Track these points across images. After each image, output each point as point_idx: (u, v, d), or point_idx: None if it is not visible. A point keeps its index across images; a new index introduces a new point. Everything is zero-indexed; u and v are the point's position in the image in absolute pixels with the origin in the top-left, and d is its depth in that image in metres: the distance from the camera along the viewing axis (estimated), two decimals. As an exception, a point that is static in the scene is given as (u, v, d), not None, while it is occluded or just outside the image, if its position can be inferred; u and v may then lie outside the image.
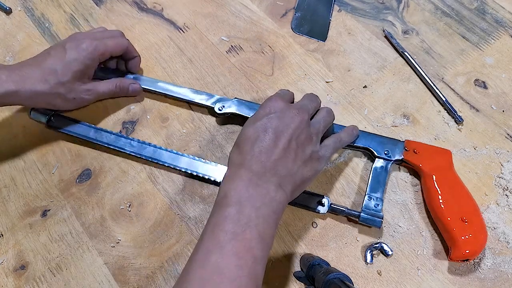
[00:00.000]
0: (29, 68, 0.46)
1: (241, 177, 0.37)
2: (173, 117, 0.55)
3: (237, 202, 0.35)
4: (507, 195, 0.48)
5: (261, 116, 0.41)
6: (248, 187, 0.36)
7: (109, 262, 0.46)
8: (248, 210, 0.35)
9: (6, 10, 0.64)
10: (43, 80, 0.45)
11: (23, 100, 0.46)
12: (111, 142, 0.51)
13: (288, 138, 0.39)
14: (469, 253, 0.41)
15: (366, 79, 0.57)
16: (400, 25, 0.61)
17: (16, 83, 0.44)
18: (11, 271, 0.45)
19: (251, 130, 0.40)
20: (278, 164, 0.38)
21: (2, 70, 0.44)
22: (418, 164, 0.48)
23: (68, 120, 0.52)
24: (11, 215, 0.48)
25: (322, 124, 0.44)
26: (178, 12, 0.64)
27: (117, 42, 0.51)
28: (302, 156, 0.40)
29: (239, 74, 0.58)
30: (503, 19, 0.61)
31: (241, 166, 0.38)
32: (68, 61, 0.47)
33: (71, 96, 0.49)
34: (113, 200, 0.49)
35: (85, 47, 0.48)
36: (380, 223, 0.44)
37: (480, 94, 0.55)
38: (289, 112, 0.41)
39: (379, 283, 0.44)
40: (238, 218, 0.34)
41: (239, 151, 0.39)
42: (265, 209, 0.36)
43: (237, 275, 0.32)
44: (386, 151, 0.48)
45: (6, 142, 0.53)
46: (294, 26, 0.62)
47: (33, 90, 0.45)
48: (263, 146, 0.38)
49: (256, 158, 0.38)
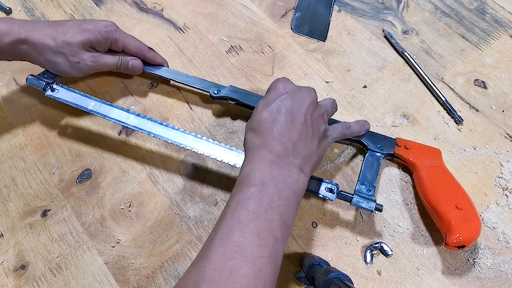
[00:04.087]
0: (44, 24, 0.48)
1: (264, 158, 0.37)
2: (173, 117, 0.55)
3: (260, 182, 0.35)
4: (506, 195, 0.48)
5: (273, 98, 0.40)
6: (271, 168, 0.36)
7: (109, 262, 0.46)
8: (271, 190, 0.35)
9: (6, 10, 0.64)
10: (53, 37, 0.47)
11: (30, 51, 0.48)
12: (112, 116, 0.49)
13: (303, 118, 0.39)
14: (464, 239, 0.41)
15: (366, 79, 0.57)
16: (400, 25, 0.62)
17: (27, 31, 0.47)
18: (11, 271, 0.45)
19: (265, 113, 0.39)
20: (298, 145, 0.38)
21: (17, 21, 0.47)
22: (409, 158, 0.48)
23: (66, 90, 0.51)
24: (11, 215, 0.48)
25: (330, 108, 0.45)
26: (178, 12, 0.64)
27: (137, 42, 0.53)
28: (318, 133, 0.41)
29: (239, 74, 0.58)
30: (503, 19, 0.61)
31: (262, 148, 0.38)
32: (81, 29, 0.49)
33: (75, 60, 0.49)
34: (113, 200, 0.49)
35: (103, 24, 0.50)
36: (373, 206, 0.43)
37: (480, 94, 0.55)
38: (299, 91, 0.41)
39: (379, 283, 0.44)
40: (261, 198, 0.34)
41: (257, 134, 0.39)
42: (287, 191, 0.36)
43: (258, 255, 0.32)
44: (378, 145, 0.49)
45: (6, 142, 0.53)
46: (294, 26, 0.62)
47: (41, 42, 0.47)
48: (281, 127, 0.38)
49: (277, 140, 0.38)
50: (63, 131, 0.54)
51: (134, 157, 0.52)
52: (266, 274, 0.32)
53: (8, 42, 0.46)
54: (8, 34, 0.45)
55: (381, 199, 0.48)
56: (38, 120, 0.54)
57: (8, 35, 0.45)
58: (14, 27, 0.46)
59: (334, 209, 0.48)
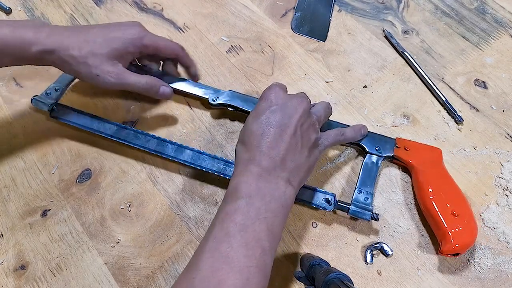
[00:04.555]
0: (71, 32, 0.46)
1: (251, 172, 0.37)
2: (173, 117, 0.54)
3: (247, 195, 0.36)
4: (507, 195, 0.48)
5: (264, 110, 0.40)
6: (258, 181, 0.37)
7: (109, 262, 0.46)
8: (258, 203, 0.35)
9: (6, 10, 0.64)
10: (79, 46, 0.45)
11: (57, 61, 0.46)
12: (115, 134, 0.50)
13: (293, 130, 0.39)
14: (459, 247, 0.41)
15: (366, 79, 0.57)
16: (400, 25, 0.61)
17: (54, 42, 0.44)
18: (11, 271, 0.45)
19: (255, 125, 0.40)
20: (286, 158, 0.38)
21: (44, 28, 0.45)
22: (408, 160, 0.48)
23: (71, 110, 0.52)
24: (11, 215, 0.48)
25: (323, 114, 0.45)
26: (178, 12, 0.64)
27: (168, 43, 0.50)
28: (307, 143, 0.40)
29: (239, 74, 0.58)
30: (503, 19, 0.61)
31: (250, 162, 0.38)
32: (109, 38, 0.46)
33: (95, 72, 0.46)
34: (113, 200, 0.49)
35: (132, 31, 0.47)
36: (369, 216, 0.44)
37: (480, 94, 0.55)
38: (290, 102, 0.41)
39: (379, 283, 0.44)
40: (248, 210, 0.35)
41: (246, 148, 0.39)
42: (274, 203, 0.36)
43: (245, 265, 0.32)
44: (377, 147, 0.49)
45: (6, 142, 0.53)
46: (294, 26, 0.62)
47: (67, 53, 0.45)
48: (269, 141, 0.38)
49: (264, 154, 0.38)
50: (63, 131, 0.54)
51: (134, 157, 0.52)
52: (254, 283, 0.32)
53: (35, 52, 0.44)
54: (35, 44, 0.43)
55: (381, 199, 0.48)
56: (38, 120, 0.54)
57: (35, 45, 0.43)
58: (41, 36, 0.44)
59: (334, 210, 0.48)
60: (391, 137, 0.50)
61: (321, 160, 0.51)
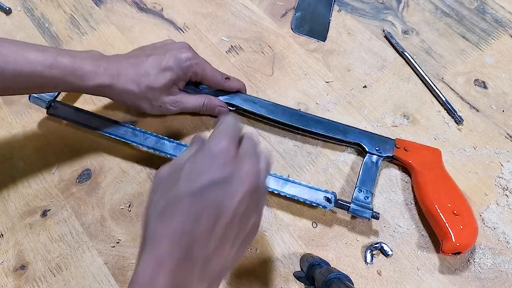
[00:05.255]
0: (126, 64, 0.46)
1: (161, 264, 0.28)
2: (173, 117, 0.54)
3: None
4: (507, 195, 0.48)
5: (201, 183, 0.30)
6: (166, 280, 0.27)
7: (109, 262, 0.46)
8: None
9: (6, 10, 0.64)
10: (136, 81, 0.46)
11: (113, 94, 0.46)
12: (113, 132, 0.50)
13: (230, 218, 0.29)
14: (460, 245, 0.41)
15: (366, 79, 0.57)
16: (400, 25, 0.62)
17: (111, 77, 0.45)
18: (11, 271, 0.45)
19: (186, 202, 0.29)
20: (212, 259, 0.29)
21: (102, 62, 0.45)
22: (408, 160, 0.48)
23: (69, 107, 0.52)
24: (11, 215, 0.48)
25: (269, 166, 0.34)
26: (178, 12, 0.64)
27: (213, 76, 0.50)
28: (242, 233, 0.32)
29: (239, 74, 0.58)
30: (503, 19, 0.61)
31: (164, 248, 0.28)
32: (163, 68, 0.46)
33: (157, 104, 0.48)
34: (113, 200, 0.49)
35: (184, 58, 0.47)
36: (369, 214, 0.44)
37: (480, 94, 0.55)
38: (237, 172, 0.30)
39: (379, 283, 0.44)
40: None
41: (164, 226, 0.29)
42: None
43: None
44: (377, 147, 0.49)
45: (6, 142, 0.53)
46: (294, 26, 0.62)
47: (124, 88, 0.45)
48: (196, 232, 0.29)
49: (184, 247, 0.28)
50: (63, 131, 0.54)
51: (134, 157, 0.52)
52: None
53: (92, 85, 0.44)
54: (93, 79, 0.44)
55: (381, 199, 0.48)
56: (38, 120, 0.54)
57: (92, 80, 0.44)
58: (99, 70, 0.44)
59: (334, 209, 0.48)
60: (390, 138, 0.50)
61: (321, 160, 0.51)
